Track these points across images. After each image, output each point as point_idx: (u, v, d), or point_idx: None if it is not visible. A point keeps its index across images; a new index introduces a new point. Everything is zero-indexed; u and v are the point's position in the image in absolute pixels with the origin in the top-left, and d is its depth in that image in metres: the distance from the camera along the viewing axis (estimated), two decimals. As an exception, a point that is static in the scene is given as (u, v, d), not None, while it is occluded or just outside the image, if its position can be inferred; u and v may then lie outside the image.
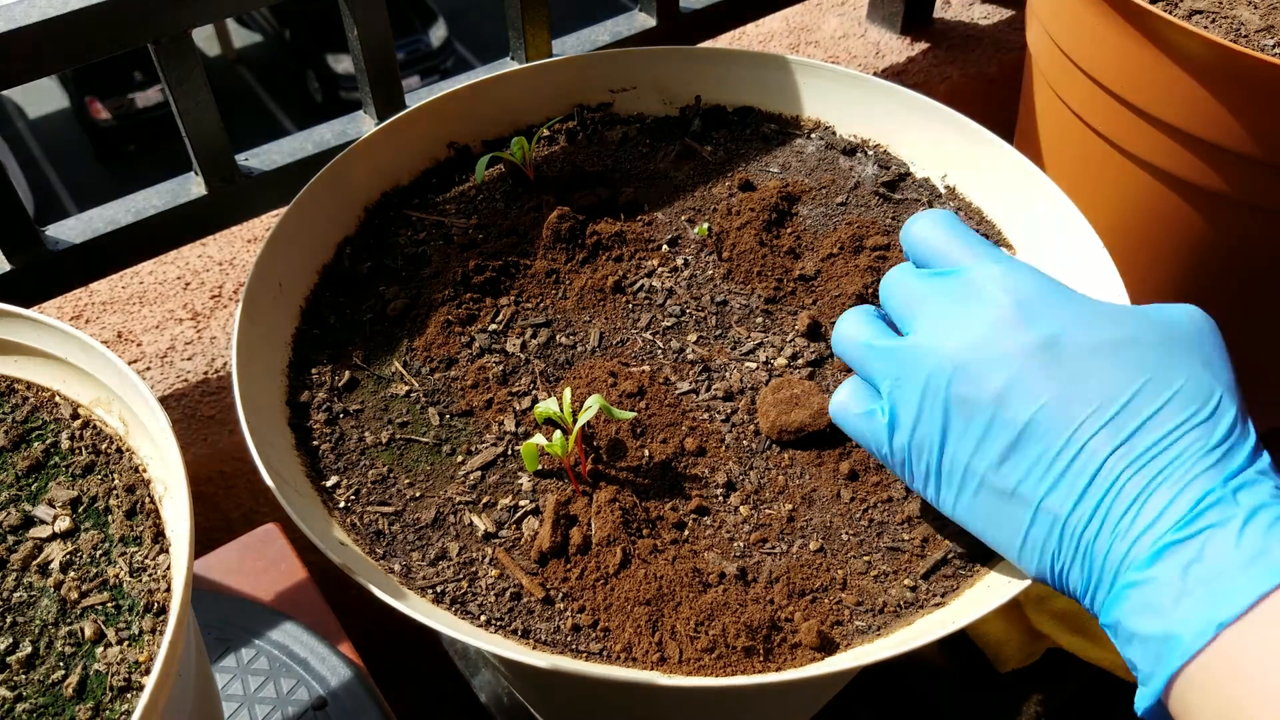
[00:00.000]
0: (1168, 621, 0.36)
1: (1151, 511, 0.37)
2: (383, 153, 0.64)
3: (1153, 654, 0.36)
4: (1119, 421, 0.39)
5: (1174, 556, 0.36)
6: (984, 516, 0.42)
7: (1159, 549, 0.36)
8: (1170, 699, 0.36)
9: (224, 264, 0.84)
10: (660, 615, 0.44)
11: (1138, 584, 0.37)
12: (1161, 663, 0.36)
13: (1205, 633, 0.35)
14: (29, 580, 0.41)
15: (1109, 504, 0.38)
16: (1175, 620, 0.36)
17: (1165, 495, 0.37)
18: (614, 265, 0.60)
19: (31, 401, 0.46)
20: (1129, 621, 0.37)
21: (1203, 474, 0.37)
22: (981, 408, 0.41)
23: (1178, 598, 0.36)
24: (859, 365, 0.47)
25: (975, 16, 1.13)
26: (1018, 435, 0.40)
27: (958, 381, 0.41)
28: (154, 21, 0.63)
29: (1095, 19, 0.66)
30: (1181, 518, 0.37)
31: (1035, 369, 0.40)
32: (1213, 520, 0.36)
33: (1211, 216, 0.68)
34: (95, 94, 7.07)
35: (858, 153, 0.67)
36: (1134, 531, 0.37)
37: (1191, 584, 0.35)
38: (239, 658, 0.63)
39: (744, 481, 0.50)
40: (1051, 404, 0.39)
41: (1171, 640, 0.36)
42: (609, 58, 0.70)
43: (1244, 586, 0.35)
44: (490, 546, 0.47)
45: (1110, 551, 0.38)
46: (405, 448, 0.52)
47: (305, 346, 0.56)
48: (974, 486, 0.42)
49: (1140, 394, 0.39)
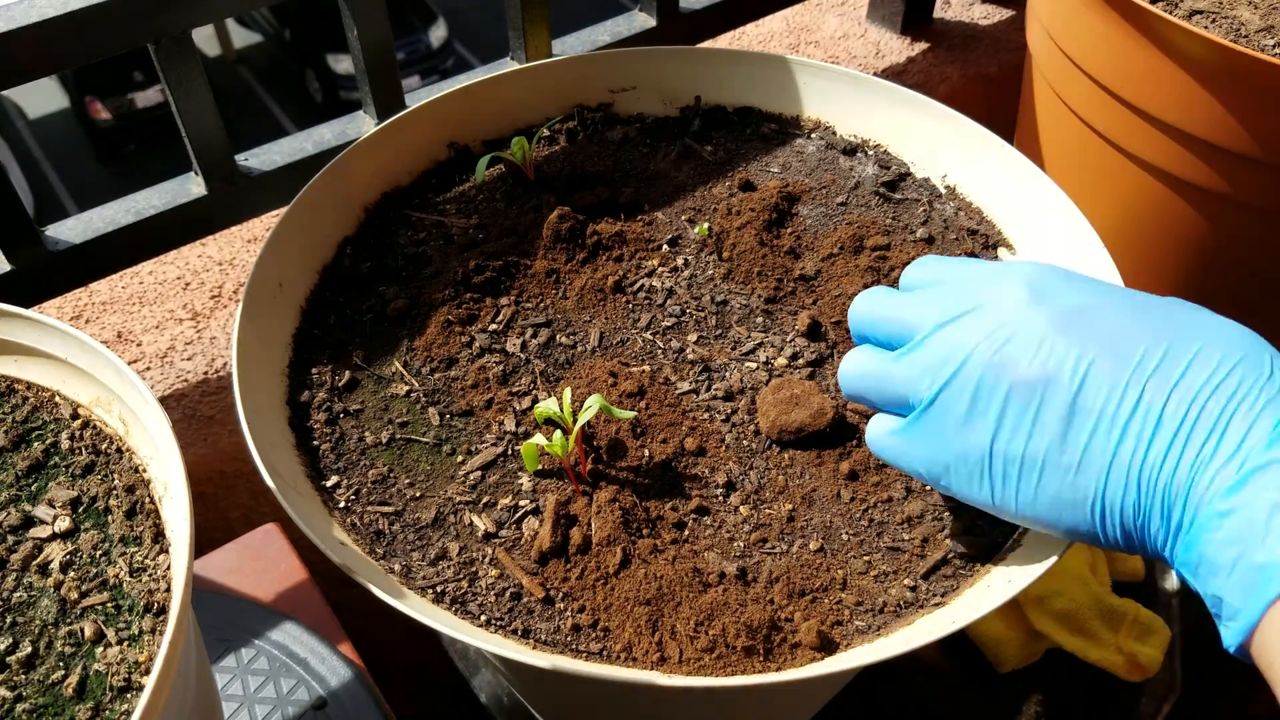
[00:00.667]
0: (1263, 548, 0.34)
1: (1233, 439, 0.36)
2: (383, 153, 0.64)
3: (1245, 585, 0.35)
4: (1167, 367, 0.38)
5: (1264, 480, 0.35)
6: (1052, 500, 0.40)
7: (1246, 474, 0.35)
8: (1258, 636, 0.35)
9: (224, 264, 0.84)
10: (660, 615, 0.44)
11: (1226, 513, 0.35)
12: (1255, 593, 0.34)
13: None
14: (29, 580, 0.40)
15: (1184, 439, 0.37)
16: (1271, 546, 0.34)
17: (1243, 422, 0.36)
18: (614, 265, 0.60)
19: (31, 401, 0.46)
20: (1216, 554, 0.35)
21: (1273, 400, 0.36)
22: (1029, 387, 0.40)
23: (1271, 523, 0.34)
24: (878, 390, 0.45)
25: (975, 16, 1.13)
26: (1072, 402, 0.39)
27: (995, 369, 0.40)
28: (154, 21, 0.63)
29: (1095, 19, 0.66)
30: (1266, 440, 0.35)
31: (1069, 336, 0.40)
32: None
33: (1211, 216, 0.68)
34: (95, 94, 7.07)
35: (858, 153, 0.67)
36: (1217, 461, 0.36)
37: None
38: (239, 658, 0.63)
39: (744, 481, 0.50)
40: (1097, 362, 0.39)
41: (1269, 568, 0.34)
42: (609, 58, 0.70)
43: None
44: (490, 546, 0.47)
45: (1192, 487, 0.36)
46: (405, 448, 0.52)
47: (305, 346, 0.56)
48: (1037, 472, 0.40)
49: (1177, 343, 0.39)
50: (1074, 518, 0.40)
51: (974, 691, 0.69)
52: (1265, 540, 0.34)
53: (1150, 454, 0.37)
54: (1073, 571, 0.70)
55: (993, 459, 0.41)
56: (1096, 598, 0.68)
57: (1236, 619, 0.36)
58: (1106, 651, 0.67)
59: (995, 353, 0.41)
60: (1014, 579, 0.44)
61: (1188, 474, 0.37)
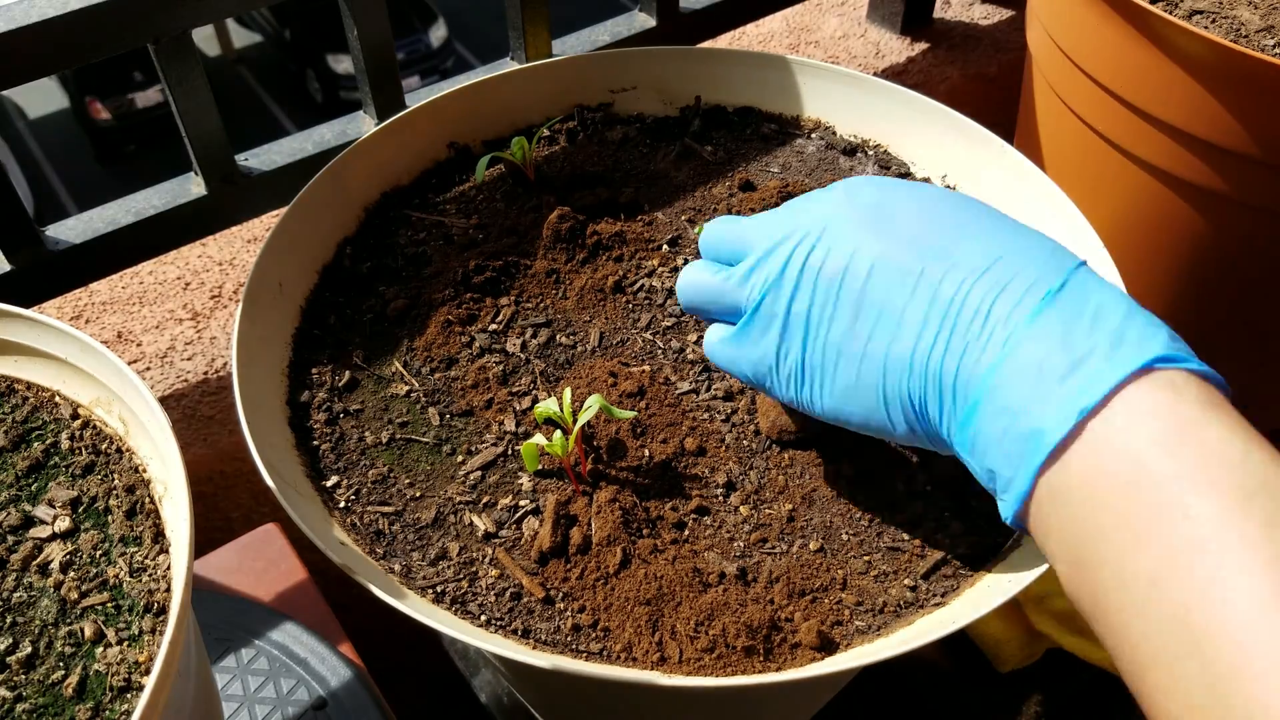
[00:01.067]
0: (1028, 417, 0.35)
1: (1001, 312, 0.37)
2: (383, 153, 0.64)
3: (1014, 454, 0.36)
4: (946, 259, 0.39)
5: (1028, 350, 0.36)
6: (844, 391, 0.42)
7: (1011, 348, 0.36)
8: (1032, 511, 0.36)
9: (224, 264, 0.84)
10: (660, 615, 0.44)
11: (994, 387, 0.36)
12: (1024, 461, 0.35)
13: (1067, 420, 0.34)
14: (29, 580, 0.41)
15: (953, 318, 0.38)
16: (1035, 415, 0.35)
17: (1012, 296, 0.37)
18: (614, 265, 0.60)
19: (31, 401, 0.46)
20: (986, 427, 0.36)
21: (1041, 275, 0.37)
22: (829, 282, 0.41)
23: (1036, 391, 0.35)
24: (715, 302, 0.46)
25: (975, 16, 1.13)
26: (860, 292, 0.40)
27: (809, 270, 0.42)
28: (154, 21, 0.63)
29: (1095, 19, 0.66)
30: (1032, 311, 0.36)
31: (871, 232, 0.41)
32: (1064, 311, 0.36)
33: (1211, 216, 0.68)
34: (95, 94, 7.07)
35: (858, 153, 0.67)
36: (983, 336, 0.37)
37: (1048, 376, 0.35)
38: (239, 658, 0.63)
39: (744, 481, 0.50)
40: (887, 254, 0.40)
41: (1034, 436, 0.35)
42: (609, 58, 0.70)
43: (1105, 373, 0.34)
44: (490, 546, 0.47)
45: (962, 362, 0.37)
46: (405, 448, 0.52)
47: (305, 346, 0.56)
48: (834, 364, 0.42)
49: (963, 239, 0.40)
50: (864, 408, 0.41)
51: (974, 691, 0.69)
52: (1029, 408, 0.35)
53: (922, 339, 0.39)
54: (1073, 571, 0.69)
55: (805, 355, 0.42)
56: (1096, 598, 0.68)
57: (1009, 490, 0.36)
58: (1107, 652, 0.67)
59: (808, 254, 0.42)
60: (1014, 579, 0.44)
61: (959, 351, 0.37)
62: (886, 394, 0.40)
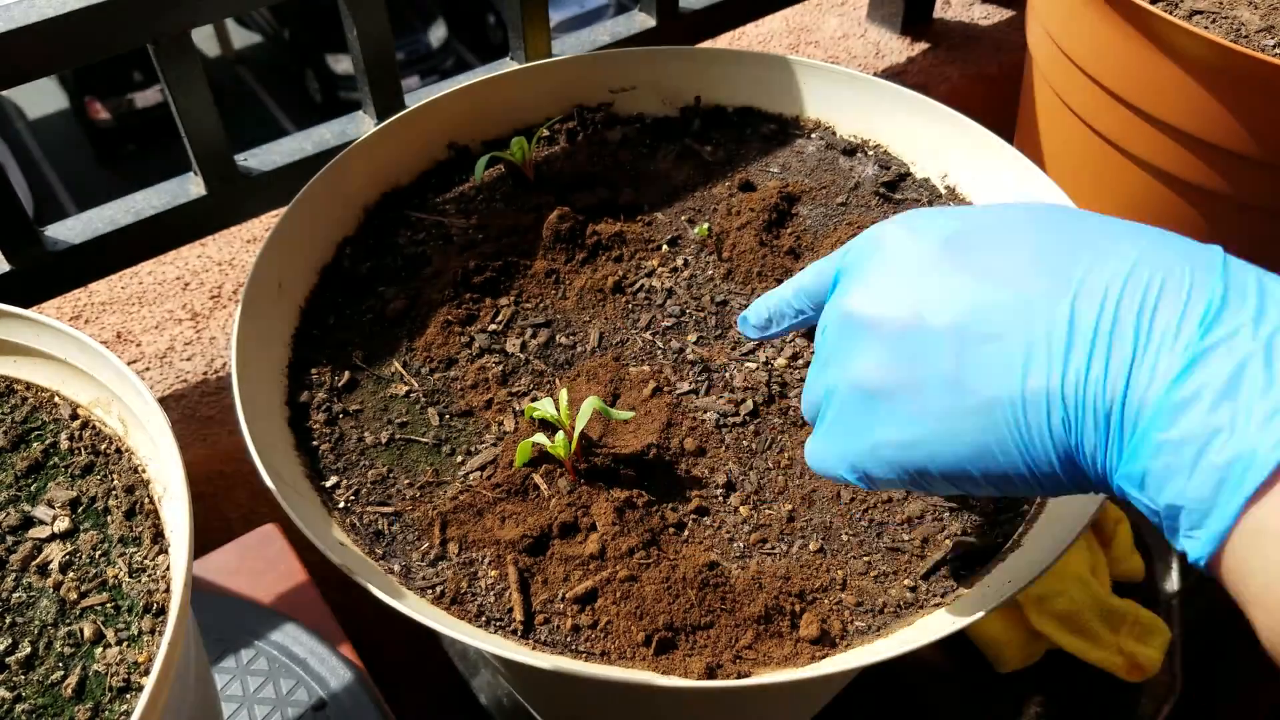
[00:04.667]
0: (1227, 441, 0.29)
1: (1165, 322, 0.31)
2: (383, 153, 0.64)
3: (1211, 485, 0.29)
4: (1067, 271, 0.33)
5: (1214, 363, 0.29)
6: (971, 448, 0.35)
7: (1191, 359, 0.30)
8: (1228, 549, 0.30)
9: (224, 264, 0.84)
10: (659, 615, 0.44)
11: (1174, 409, 0.30)
12: (1224, 492, 0.29)
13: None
14: (28, 581, 0.40)
15: (1107, 337, 0.32)
16: (1238, 439, 0.29)
17: (1173, 303, 0.31)
18: (614, 265, 0.60)
19: (31, 402, 0.46)
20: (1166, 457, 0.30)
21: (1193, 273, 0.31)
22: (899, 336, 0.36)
23: (1233, 411, 0.29)
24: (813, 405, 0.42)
25: (975, 16, 1.13)
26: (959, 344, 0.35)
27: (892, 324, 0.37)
28: (154, 21, 0.63)
29: (1095, 19, 0.66)
30: (1202, 315, 0.30)
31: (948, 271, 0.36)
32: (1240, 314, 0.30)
33: (1211, 216, 0.68)
34: (95, 94, 7.07)
35: (858, 153, 0.67)
36: (1150, 352, 0.31)
37: (1249, 391, 0.29)
38: (239, 658, 0.63)
39: (744, 482, 0.50)
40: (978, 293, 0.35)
41: (1237, 462, 0.29)
42: (609, 58, 0.70)
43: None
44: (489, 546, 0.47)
45: (1129, 386, 0.31)
46: (405, 448, 0.51)
47: (305, 346, 0.56)
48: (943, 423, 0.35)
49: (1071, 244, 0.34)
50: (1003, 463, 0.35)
51: (974, 691, 0.69)
52: (1232, 429, 0.29)
53: (1070, 369, 0.32)
54: (1073, 572, 0.69)
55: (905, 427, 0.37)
56: (1096, 598, 0.68)
57: (1203, 527, 0.30)
58: (1106, 652, 0.67)
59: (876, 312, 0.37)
60: (1014, 579, 0.44)
61: (1122, 374, 0.31)
62: (1030, 438, 0.34)
